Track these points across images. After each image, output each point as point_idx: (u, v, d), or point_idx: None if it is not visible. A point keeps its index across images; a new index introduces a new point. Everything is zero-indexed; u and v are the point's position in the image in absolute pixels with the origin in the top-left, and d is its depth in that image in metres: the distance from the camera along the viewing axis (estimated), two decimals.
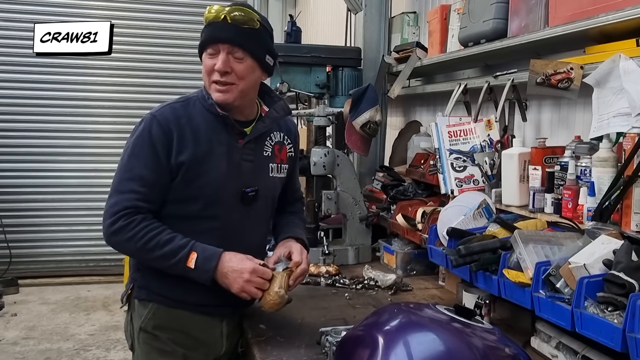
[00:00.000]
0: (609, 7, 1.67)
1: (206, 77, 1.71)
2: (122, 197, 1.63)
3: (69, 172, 5.92)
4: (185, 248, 1.61)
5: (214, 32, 1.66)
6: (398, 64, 3.19)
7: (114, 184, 1.67)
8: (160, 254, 1.61)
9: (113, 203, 1.64)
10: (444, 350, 1.22)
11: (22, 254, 5.78)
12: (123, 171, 1.66)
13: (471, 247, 1.72)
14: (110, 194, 1.66)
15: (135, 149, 1.66)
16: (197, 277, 1.63)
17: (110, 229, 1.62)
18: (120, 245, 1.65)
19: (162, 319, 1.73)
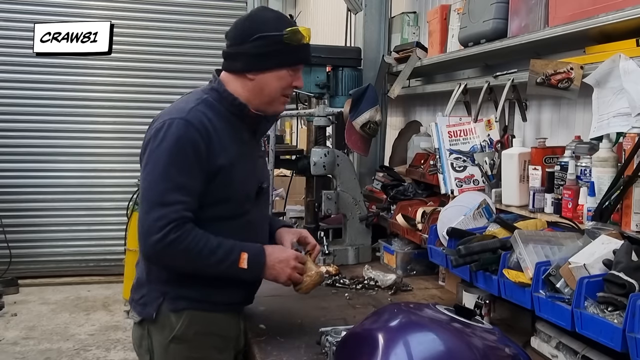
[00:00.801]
0: (609, 7, 1.67)
1: (277, 91, 1.74)
2: (169, 209, 1.55)
3: (69, 172, 5.91)
4: (235, 250, 1.62)
5: (307, 53, 1.78)
6: (398, 64, 3.19)
7: (153, 196, 1.57)
8: (215, 260, 1.59)
9: (159, 217, 1.55)
10: (444, 350, 1.22)
11: (22, 254, 5.78)
12: (162, 181, 1.58)
13: (471, 247, 1.72)
14: (149, 207, 1.57)
15: (173, 157, 1.58)
16: (249, 276, 1.66)
17: (161, 243, 1.54)
18: (171, 258, 1.59)
19: (199, 325, 1.69)
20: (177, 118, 1.62)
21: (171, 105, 1.75)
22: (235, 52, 1.71)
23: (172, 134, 1.59)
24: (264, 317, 1.95)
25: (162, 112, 1.71)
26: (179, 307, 1.68)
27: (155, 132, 1.62)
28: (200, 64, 6.01)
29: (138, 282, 1.75)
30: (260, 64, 1.69)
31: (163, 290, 1.68)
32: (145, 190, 1.60)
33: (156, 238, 1.54)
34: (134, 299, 1.75)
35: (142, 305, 1.71)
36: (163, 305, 1.68)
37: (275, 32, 1.67)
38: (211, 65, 5.99)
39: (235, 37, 1.71)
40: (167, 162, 1.58)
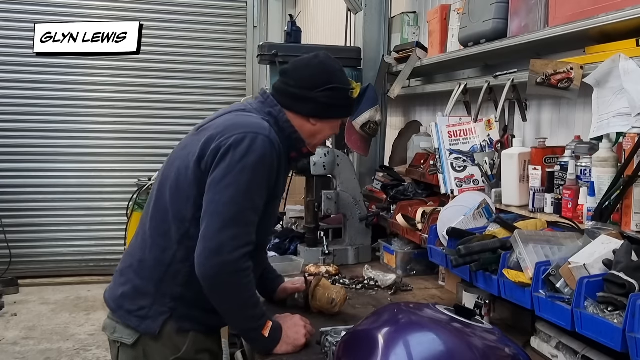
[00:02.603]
0: (609, 7, 1.66)
1: (326, 137, 1.85)
2: (243, 230, 1.52)
3: (69, 172, 5.92)
4: (264, 316, 1.62)
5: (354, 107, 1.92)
6: (398, 64, 3.19)
7: (230, 212, 1.51)
8: (252, 314, 1.58)
9: (234, 235, 1.49)
10: (444, 350, 1.22)
11: (22, 254, 5.78)
12: (243, 199, 1.52)
13: (471, 247, 1.72)
14: (224, 224, 1.50)
15: (257, 174, 1.54)
16: (264, 345, 1.63)
17: (236, 265, 1.50)
18: (232, 285, 1.53)
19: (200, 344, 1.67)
20: (260, 134, 1.57)
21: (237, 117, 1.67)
22: (304, 95, 1.71)
23: (258, 150, 1.54)
24: None
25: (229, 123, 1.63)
26: (184, 327, 1.63)
27: (235, 142, 1.54)
28: (201, 64, 6.02)
29: (137, 291, 1.63)
30: (327, 113, 1.75)
31: (171, 306, 1.61)
32: (220, 205, 1.51)
33: (230, 258, 1.49)
34: (127, 309, 1.63)
35: (140, 318, 1.61)
36: (169, 322, 1.61)
37: (345, 86, 1.75)
38: (211, 65, 6.05)
39: (306, 81, 1.72)
40: (251, 180, 1.53)
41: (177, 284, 1.61)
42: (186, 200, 1.60)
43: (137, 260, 1.67)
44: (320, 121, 1.75)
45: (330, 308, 1.97)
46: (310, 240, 2.75)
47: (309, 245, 2.74)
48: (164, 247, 1.62)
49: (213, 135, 1.60)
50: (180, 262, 1.61)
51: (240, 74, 6.18)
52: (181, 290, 1.61)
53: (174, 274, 1.61)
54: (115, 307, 1.67)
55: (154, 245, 1.64)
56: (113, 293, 1.69)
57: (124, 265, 1.71)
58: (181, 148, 1.71)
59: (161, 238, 1.63)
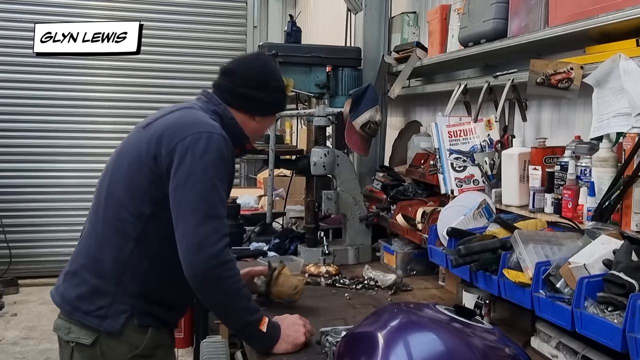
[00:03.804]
0: (609, 7, 1.66)
1: (257, 133, 1.89)
2: (220, 223, 1.54)
3: (69, 172, 5.93)
4: (259, 310, 1.62)
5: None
6: (398, 64, 3.19)
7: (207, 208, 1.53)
8: (246, 306, 1.59)
9: (213, 229, 1.52)
10: (444, 350, 1.22)
11: (22, 254, 5.79)
12: (212, 194, 1.55)
13: (471, 247, 1.72)
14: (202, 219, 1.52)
15: (218, 171, 1.58)
16: (263, 342, 1.64)
17: (219, 258, 1.50)
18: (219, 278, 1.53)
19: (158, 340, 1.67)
20: (214, 133, 1.61)
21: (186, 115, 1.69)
22: (251, 95, 1.78)
23: (215, 148, 1.58)
24: None
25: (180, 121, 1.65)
26: (144, 323, 1.62)
27: (192, 141, 1.57)
28: (200, 64, 6.02)
29: (95, 291, 1.61)
30: (270, 110, 1.87)
31: (132, 303, 1.61)
32: (193, 202, 1.53)
33: (213, 251, 1.50)
34: (85, 310, 1.60)
35: (99, 318, 1.59)
36: (130, 319, 1.60)
37: (283, 84, 1.86)
38: (211, 65, 6.04)
39: (253, 80, 1.79)
40: (215, 176, 1.57)
41: (137, 281, 1.61)
42: (142, 197, 1.61)
43: (91, 259, 1.65)
44: (263, 119, 1.85)
45: (292, 294, 2.02)
46: (310, 240, 2.75)
47: (309, 245, 2.74)
48: (120, 245, 1.62)
49: (166, 135, 1.61)
50: (138, 259, 1.61)
51: None
52: (141, 287, 1.62)
53: (132, 271, 1.61)
54: (70, 310, 1.63)
55: (110, 244, 1.63)
56: (67, 295, 1.66)
57: (76, 266, 1.68)
58: (130, 145, 1.70)
59: (117, 236, 1.62)
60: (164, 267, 1.62)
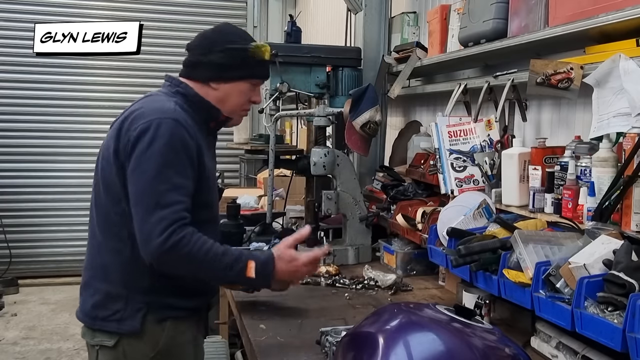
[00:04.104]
0: (609, 7, 1.66)
1: (240, 103, 1.78)
2: (168, 210, 1.51)
3: (69, 172, 5.92)
4: (242, 258, 1.60)
5: (266, 70, 1.84)
6: (398, 64, 3.19)
7: (149, 200, 1.52)
8: (221, 267, 1.57)
9: (159, 219, 1.50)
10: (444, 350, 1.22)
11: (22, 254, 5.79)
12: (158, 183, 1.53)
13: (471, 247, 1.72)
14: (147, 212, 1.51)
15: (167, 157, 1.54)
16: (257, 284, 1.68)
17: (164, 246, 1.49)
18: (176, 262, 1.53)
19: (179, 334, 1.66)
20: (165, 118, 1.58)
21: (142, 106, 1.67)
22: (199, 61, 1.73)
23: (164, 134, 1.55)
24: (264, 317, 1.95)
25: (136, 112, 1.63)
26: (163, 316, 1.63)
27: (141, 132, 1.56)
28: None
29: (109, 297, 1.63)
30: (224, 74, 1.73)
31: (145, 300, 1.62)
32: (140, 195, 1.54)
33: (158, 242, 1.49)
34: (103, 317, 1.63)
35: (117, 322, 1.61)
36: (147, 316, 1.61)
37: (241, 45, 1.73)
38: None
39: (201, 46, 1.74)
40: (162, 163, 1.54)
41: (144, 278, 1.61)
42: (118, 195, 1.61)
43: (98, 268, 1.67)
44: (220, 84, 1.73)
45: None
46: (310, 240, 2.75)
47: (309, 245, 2.73)
48: (118, 248, 1.63)
49: (123, 128, 1.62)
50: (139, 256, 1.60)
51: None
52: (149, 283, 1.62)
53: (137, 269, 1.61)
54: (90, 321, 1.67)
55: (109, 249, 1.64)
56: (84, 307, 1.69)
57: (87, 278, 1.71)
58: (102, 146, 1.72)
59: (113, 240, 1.63)
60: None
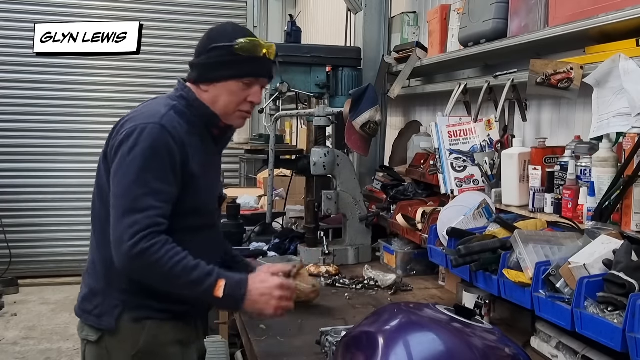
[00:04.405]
0: (609, 7, 1.67)
1: (232, 104, 1.69)
2: (142, 215, 1.50)
3: (69, 172, 5.92)
4: (212, 275, 1.53)
5: (263, 68, 1.71)
6: (398, 64, 3.19)
7: (125, 203, 1.52)
8: (188, 281, 1.52)
9: (131, 223, 1.49)
10: (444, 350, 1.22)
11: (22, 254, 5.78)
12: (136, 187, 1.52)
13: (471, 247, 1.72)
14: (121, 215, 1.51)
15: (147, 162, 1.53)
16: (224, 305, 1.60)
17: (133, 251, 1.48)
18: (142, 269, 1.52)
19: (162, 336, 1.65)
20: (150, 123, 1.56)
21: (138, 110, 1.68)
22: (191, 63, 1.71)
23: (146, 139, 1.54)
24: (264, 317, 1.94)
25: (129, 116, 1.64)
26: (140, 316, 1.62)
27: (125, 136, 1.56)
28: None
29: (92, 292, 1.67)
30: (209, 75, 1.67)
31: (122, 299, 1.62)
32: (117, 198, 1.54)
33: (127, 246, 1.48)
34: (87, 311, 1.66)
35: (97, 317, 1.63)
36: (123, 314, 1.61)
37: (226, 43, 1.64)
38: None
39: (197, 48, 1.72)
40: (141, 167, 1.53)
41: (123, 277, 1.61)
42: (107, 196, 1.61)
43: (90, 262, 1.71)
44: (209, 85, 1.67)
45: (309, 294, 2.00)
46: (310, 240, 2.75)
47: (309, 245, 2.74)
48: (104, 243, 1.63)
49: (114, 132, 1.63)
50: None
51: None
52: (127, 283, 1.61)
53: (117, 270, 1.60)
54: (79, 313, 1.70)
55: (97, 245, 1.67)
56: (78, 301, 1.73)
57: (83, 273, 1.75)
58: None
59: (103, 237, 1.64)
60: None
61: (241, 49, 1.64)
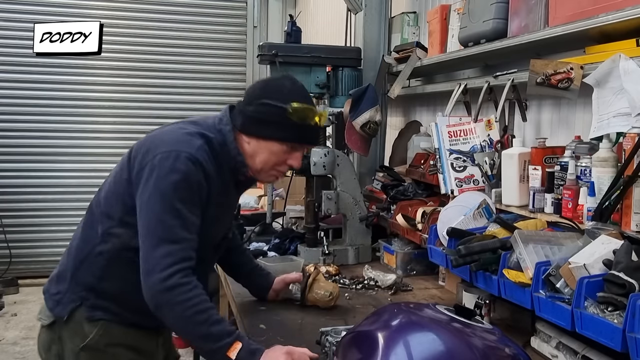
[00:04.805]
0: (609, 7, 1.67)
1: (271, 163, 1.68)
2: (177, 247, 1.48)
3: (69, 172, 5.92)
4: (231, 335, 1.49)
5: (311, 135, 1.71)
6: (398, 64, 3.19)
7: (162, 232, 1.49)
8: (206, 332, 1.48)
9: (166, 253, 1.47)
10: (444, 350, 1.22)
11: (22, 254, 5.78)
12: (170, 217, 1.50)
13: (471, 247, 1.72)
14: (155, 244, 1.48)
15: (181, 193, 1.52)
16: None
17: (165, 283, 1.44)
18: (168, 304, 1.47)
19: (113, 337, 1.64)
20: (184, 152, 1.54)
21: (173, 130, 1.65)
22: (240, 109, 1.67)
23: (181, 169, 1.52)
24: (264, 317, 1.95)
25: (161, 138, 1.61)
26: (95, 316, 1.62)
27: (161, 160, 1.53)
28: (200, 64, 6.02)
29: (59, 275, 1.68)
30: (255, 129, 1.64)
31: (83, 295, 1.62)
32: (150, 225, 1.51)
33: (161, 277, 1.46)
34: (50, 291, 1.68)
35: (55, 302, 1.65)
36: (78, 310, 1.62)
37: (280, 103, 1.61)
38: (211, 65, 6.05)
39: (247, 94, 1.68)
40: (176, 197, 1.51)
41: (91, 275, 1.62)
42: (116, 199, 1.62)
43: (70, 246, 1.72)
44: (251, 138, 1.66)
45: (327, 301, 2.01)
46: (310, 240, 2.75)
47: (309, 245, 2.74)
48: (87, 237, 1.66)
49: (143, 150, 1.60)
50: (98, 254, 1.62)
51: (240, 74, 6.18)
52: (94, 281, 1.63)
53: (90, 264, 1.63)
54: (44, 290, 1.72)
55: (81, 234, 1.69)
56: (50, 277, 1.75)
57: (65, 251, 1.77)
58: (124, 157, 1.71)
59: (87, 230, 1.67)
60: (123, 270, 1.60)
61: (294, 114, 1.61)
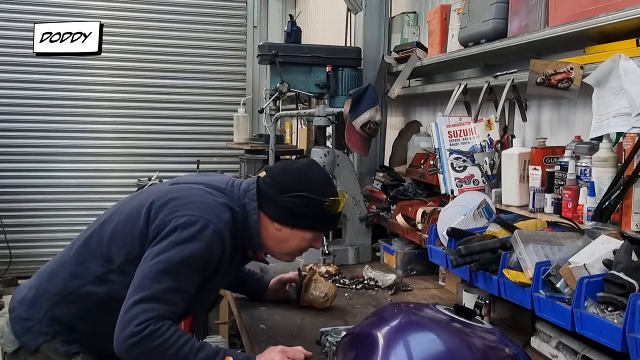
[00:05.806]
0: (609, 7, 1.66)
1: (300, 248, 1.74)
2: (162, 307, 1.46)
3: (69, 172, 5.91)
4: (219, 354, 1.49)
5: (336, 222, 1.81)
6: (398, 64, 3.19)
7: (154, 289, 1.46)
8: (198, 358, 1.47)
9: (148, 308, 1.44)
10: (444, 350, 1.22)
11: (22, 254, 5.77)
12: (170, 279, 1.48)
13: (471, 247, 1.72)
14: (144, 297, 1.45)
15: (192, 262, 1.51)
16: None
17: (137, 336, 1.41)
18: (144, 353, 1.43)
19: None
20: (213, 224, 1.54)
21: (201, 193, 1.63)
22: (273, 198, 1.68)
23: (205, 240, 1.52)
24: (264, 317, 1.95)
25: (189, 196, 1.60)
26: (71, 350, 1.59)
27: (187, 224, 1.52)
28: (201, 64, 6.01)
29: (35, 300, 1.62)
30: (292, 220, 1.68)
31: (56, 330, 1.59)
32: (145, 279, 1.48)
33: (134, 330, 1.42)
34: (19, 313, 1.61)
35: (24, 329, 1.59)
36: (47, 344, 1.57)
37: (318, 197, 1.66)
38: (211, 65, 6.05)
39: (279, 182, 1.69)
40: (183, 263, 1.50)
41: (72, 312, 1.59)
42: (122, 245, 1.59)
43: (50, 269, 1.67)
44: (284, 227, 1.69)
45: (322, 302, 2.01)
46: None
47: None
48: (77, 273, 1.61)
49: (167, 206, 1.58)
50: (86, 294, 1.58)
51: (240, 74, 6.18)
52: (72, 319, 1.59)
53: (73, 301, 1.59)
54: (13, 307, 1.66)
55: (71, 266, 1.63)
56: (20, 293, 1.68)
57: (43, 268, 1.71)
58: (147, 193, 1.69)
59: (80, 265, 1.62)
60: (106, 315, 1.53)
61: (330, 207, 1.69)
